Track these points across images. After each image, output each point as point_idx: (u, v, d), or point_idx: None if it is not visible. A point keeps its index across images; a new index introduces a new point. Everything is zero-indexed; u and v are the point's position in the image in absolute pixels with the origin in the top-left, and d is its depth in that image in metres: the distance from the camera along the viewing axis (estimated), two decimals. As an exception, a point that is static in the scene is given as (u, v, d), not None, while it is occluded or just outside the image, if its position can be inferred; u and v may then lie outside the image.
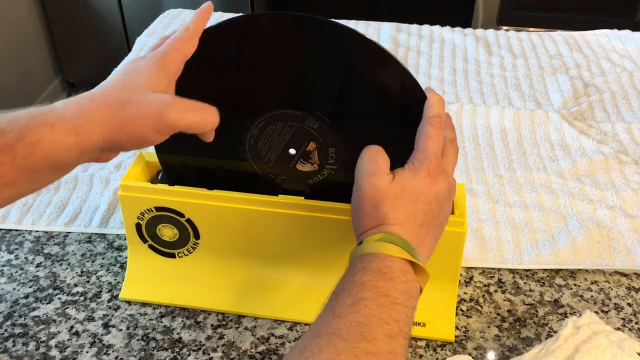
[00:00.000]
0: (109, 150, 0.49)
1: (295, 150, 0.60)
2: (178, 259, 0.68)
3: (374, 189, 0.51)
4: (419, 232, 0.51)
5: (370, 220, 0.51)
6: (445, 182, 0.53)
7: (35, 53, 2.44)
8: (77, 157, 0.46)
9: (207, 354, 0.62)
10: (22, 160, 0.43)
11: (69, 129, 0.45)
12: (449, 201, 0.54)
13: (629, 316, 0.68)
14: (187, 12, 1.36)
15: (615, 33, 1.29)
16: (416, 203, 0.51)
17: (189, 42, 0.52)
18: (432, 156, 0.52)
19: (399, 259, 0.49)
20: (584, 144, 0.93)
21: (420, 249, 0.51)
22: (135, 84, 0.48)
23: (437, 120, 0.53)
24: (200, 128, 0.50)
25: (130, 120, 0.46)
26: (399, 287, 0.47)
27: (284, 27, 0.56)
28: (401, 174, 0.52)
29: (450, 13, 2.17)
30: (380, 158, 0.53)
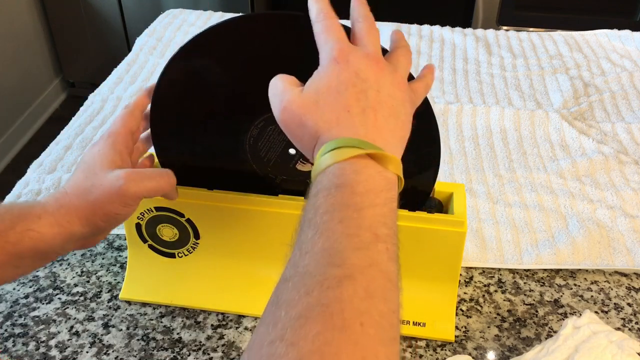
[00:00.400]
0: (92, 235, 0.54)
1: (295, 150, 0.60)
2: (178, 259, 0.68)
3: (289, 111, 0.45)
4: (362, 119, 0.44)
5: (308, 142, 0.45)
6: (360, 56, 0.46)
7: (35, 53, 2.44)
8: (61, 245, 0.52)
9: (207, 354, 0.62)
10: (11, 246, 0.49)
11: (53, 222, 0.51)
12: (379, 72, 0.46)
13: (629, 316, 0.68)
14: (187, 12, 1.36)
15: (615, 33, 1.29)
16: (339, 94, 0.44)
17: (131, 117, 0.57)
18: (331, 44, 0.46)
19: (348, 161, 0.42)
20: (584, 144, 0.93)
21: (375, 135, 0.44)
22: (93, 169, 0.53)
23: (320, 15, 0.48)
24: (160, 192, 0.55)
25: (98, 202, 0.51)
26: (358, 189, 0.41)
27: (283, 27, 0.56)
28: (309, 81, 0.46)
29: (450, 13, 2.17)
30: (280, 82, 0.47)
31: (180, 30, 1.28)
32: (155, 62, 1.16)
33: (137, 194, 0.52)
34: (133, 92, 1.06)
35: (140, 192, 0.52)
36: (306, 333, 0.34)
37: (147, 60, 1.17)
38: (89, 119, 0.99)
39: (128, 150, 0.56)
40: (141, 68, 1.15)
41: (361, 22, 0.49)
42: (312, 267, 0.37)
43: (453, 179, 0.87)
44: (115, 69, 1.14)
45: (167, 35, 1.26)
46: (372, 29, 0.49)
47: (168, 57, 0.63)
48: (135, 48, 1.22)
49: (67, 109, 2.52)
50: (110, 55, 2.11)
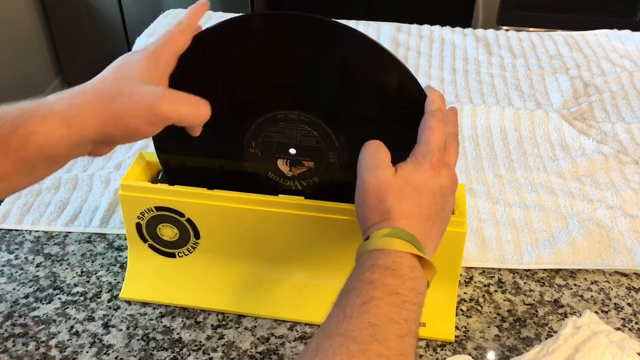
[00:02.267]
0: (102, 144, 0.50)
1: (296, 150, 0.61)
2: (178, 259, 0.68)
3: (377, 182, 0.51)
4: (424, 225, 0.51)
5: (376, 215, 0.51)
6: (448, 175, 0.53)
7: (35, 53, 2.44)
8: (69, 150, 0.47)
9: (207, 354, 0.62)
10: (15, 152, 0.44)
11: (61, 122, 0.45)
12: (452, 195, 0.54)
13: (629, 316, 0.68)
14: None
15: (615, 33, 1.29)
16: (420, 196, 0.51)
17: (181, 37, 0.53)
18: (434, 149, 0.52)
19: (407, 254, 0.48)
20: (584, 144, 0.93)
21: (426, 243, 0.50)
22: (127, 77, 0.48)
23: (439, 113, 0.53)
24: (192, 120, 0.51)
25: (122, 112, 0.47)
26: (407, 284, 0.46)
27: (284, 27, 0.56)
28: (404, 167, 0.52)
29: (450, 13, 2.17)
30: (382, 152, 0.52)
31: (180, 30, 1.28)
32: (155, 62, 1.16)
33: (168, 115, 0.48)
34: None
35: (173, 114, 0.48)
36: None
37: (147, 60, 1.17)
38: (89, 119, 0.99)
39: (168, 71, 0.52)
40: (141, 68, 1.14)
41: (454, 141, 0.55)
42: (356, 334, 0.42)
43: (453, 179, 0.87)
44: (115, 69, 1.14)
45: (167, 35, 1.26)
46: (458, 152, 0.56)
47: (168, 57, 0.63)
48: (135, 48, 1.22)
49: (67, 109, 2.51)
50: (110, 55, 2.10)
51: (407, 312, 0.45)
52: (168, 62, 0.52)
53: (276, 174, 0.63)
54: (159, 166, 0.66)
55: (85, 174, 0.86)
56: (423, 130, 0.53)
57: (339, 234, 0.62)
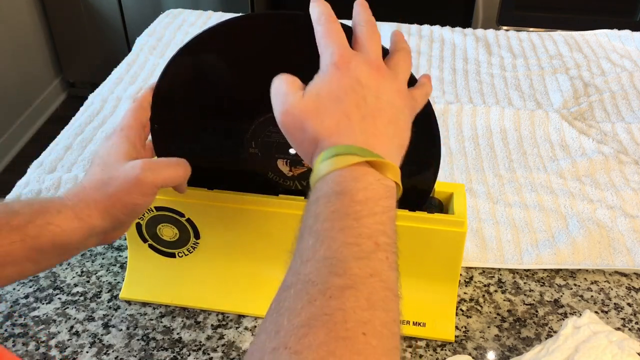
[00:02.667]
0: (112, 229, 0.53)
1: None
2: (178, 259, 0.68)
3: (290, 115, 0.45)
4: (362, 126, 0.44)
5: (307, 147, 0.45)
6: (362, 62, 0.46)
7: (35, 53, 2.44)
8: (82, 240, 0.51)
9: (207, 354, 0.62)
10: (31, 240, 0.48)
11: (72, 216, 0.50)
12: (380, 77, 0.46)
13: (629, 316, 0.68)
14: (187, 12, 1.36)
15: (615, 33, 1.29)
16: (340, 101, 0.44)
17: (141, 110, 0.57)
18: (332, 49, 0.46)
19: (348, 169, 0.42)
20: (584, 144, 0.93)
21: (375, 142, 0.44)
22: (109, 162, 0.53)
23: (322, 18, 0.48)
24: (177, 180, 0.55)
25: (116, 194, 0.51)
26: (357, 197, 0.41)
27: (283, 27, 0.56)
28: (309, 84, 0.46)
29: (450, 13, 2.17)
30: (283, 82, 0.47)
31: (180, 30, 1.28)
32: (155, 62, 1.16)
33: (154, 183, 0.52)
34: (133, 92, 1.06)
35: (157, 180, 0.52)
36: (310, 342, 0.34)
37: (147, 60, 1.17)
38: (89, 119, 0.99)
39: (141, 143, 0.56)
40: (141, 68, 1.15)
41: (363, 27, 0.49)
42: (314, 276, 0.38)
43: (453, 179, 0.87)
44: (115, 69, 1.14)
45: (167, 35, 1.26)
46: (374, 34, 0.49)
47: (168, 57, 0.63)
48: (135, 48, 1.22)
49: (67, 109, 2.52)
50: (110, 55, 2.11)
51: (366, 229, 0.40)
52: (138, 135, 0.56)
53: (276, 174, 0.63)
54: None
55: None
56: (318, 42, 0.48)
57: (339, 234, 0.62)
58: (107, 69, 1.17)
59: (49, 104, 2.54)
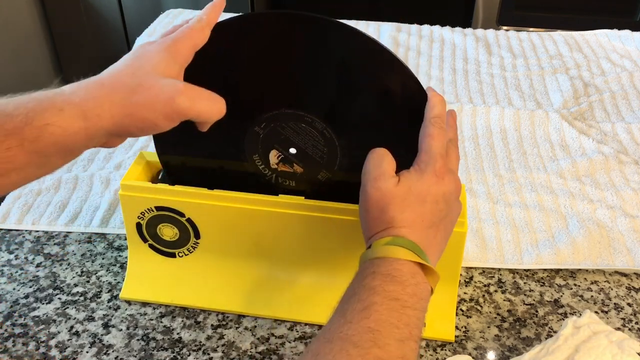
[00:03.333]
0: (117, 136, 0.49)
1: (296, 150, 0.60)
2: (178, 259, 0.68)
3: (380, 193, 0.51)
4: (427, 233, 0.51)
5: (378, 224, 0.51)
6: (452, 181, 0.53)
7: (35, 53, 2.44)
8: (85, 142, 0.46)
9: (207, 354, 0.62)
10: (30, 144, 0.43)
11: (78, 114, 0.45)
12: (456, 200, 0.54)
13: (629, 316, 0.68)
14: (187, 12, 1.36)
15: (615, 33, 1.29)
16: (423, 204, 0.51)
17: (201, 33, 0.52)
18: (437, 156, 0.52)
19: (408, 262, 0.48)
20: (584, 144, 0.93)
21: (429, 250, 0.51)
22: (145, 69, 0.48)
23: (438, 120, 0.53)
24: (209, 117, 0.50)
25: (140, 105, 0.46)
26: (408, 290, 0.47)
27: (284, 27, 0.56)
28: (407, 176, 0.52)
29: (450, 13, 2.17)
30: (386, 161, 0.53)
31: (180, 30, 1.28)
32: (155, 62, 1.16)
33: (187, 111, 0.48)
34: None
35: (191, 110, 0.48)
36: None
37: (147, 60, 1.17)
38: (89, 119, 0.99)
39: (184, 66, 0.52)
40: (141, 68, 1.14)
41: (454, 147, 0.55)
42: (356, 339, 0.43)
43: (453, 179, 0.87)
44: (115, 69, 1.14)
45: (167, 35, 1.26)
46: (458, 154, 0.56)
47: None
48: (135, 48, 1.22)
49: (67, 109, 2.51)
50: (110, 55, 2.11)
51: (407, 318, 0.45)
52: (186, 57, 0.51)
53: (263, 161, 0.63)
54: (159, 166, 0.66)
55: (85, 174, 0.86)
56: (424, 138, 0.53)
57: (339, 234, 0.62)
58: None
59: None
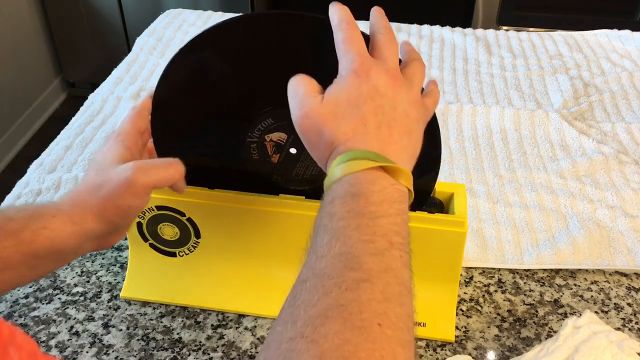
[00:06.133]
0: (109, 233, 0.54)
1: (297, 150, 0.60)
2: (179, 258, 0.68)
3: (308, 118, 0.47)
4: (378, 134, 0.46)
5: (323, 150, 0.47)
6: (381, 70, 0.47)
7: (35, 53, 2.44)
8: (77, 244, 0.51)
9: (207, 354, 0.62)
10: (26, 246, 0.48)
11: (67, 219, 0.50)
12: (397, 87, 0.48)
13: (629, 316, 0.68)
14: (187, 12, 1.36)
15: (615, 33, 1.29)
16: (358, 108, 0.46)
17: (139, 117, 0.58)
18: (353, 56, 0.47)
19: (363, 172, 0.44)
20: (584, 144, 0.93)
21: (389, 150, 0.45)
22: (103, 166, 0.53)
23: (343, 24, 0.49)
24: (170, 181, 0.55)
25: (109, 196, 0.51)
26: (373, 198, 0.42)
27: (283, 26, 0.56)
28: (329, 89, 0.47)
29: (450, 13, 2.17)
30: (303, 84, 0.48)
31: (180, 30, 1.28)
32: (155, 62, 1.16)
33: (146, 184, 0.52)
34: (133, 92, 1.06)
35: (149, 181, 0.52)
36: (326, 331, 0.35)
37: (147, 60, 1.17)
38: (89, 119, 0.99)
39: (137, 148, 0.57)
40: (141, 68, 1.15)
41: (382, 35, 0.50)
42: (329, 270, 0.39)
43: (453, 179, 0.87)
44: (115, 69, 1.14)
45: (167, 35, 1.26)
46: (392, 42, 0.50)
47: (168, 57, 0.63)
48: (135, 48, 1.22)
49: (67, 109, 2.52)
50: (110, 55, 2.11)
51: (380, 228, 0.41)
52: (134, 141, 0.57)
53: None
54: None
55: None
56: (336, 47, 0.49)
57: (339, 234, 0.62)
58: (107, 69, 1.17)
59: (49, 104, 2.54)
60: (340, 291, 0.37)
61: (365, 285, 0.38)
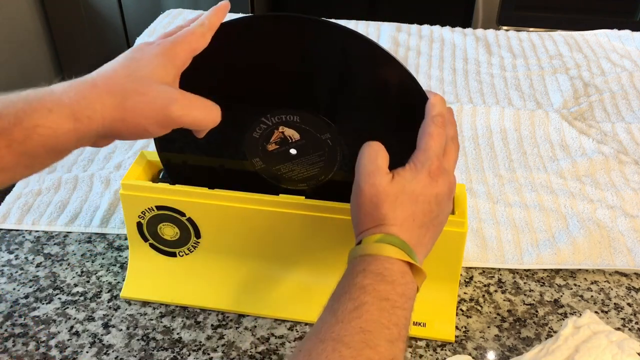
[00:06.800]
0: (107, 137, 0.48)
1: (296, 151, 0.60)
2: (179, 258, 0.68)
3: (373, 189, 0.51)
4: (418, 232, 0.51)
5: (370, 220, 0.51)
6: (446, 182, 0.53)
7: (35, 52, 2.44)
8: (74, 143, 0.45)
9: (207, 354, 0.62)
10: (18, 145, 0.42)
11: (68, 115, 0.43)
12: (449, 201, 0.54)
13: (629, 316, 0.68)
14: (187, 12, 1.36)
15: (615, 33, 1.29)
16: (415, 204, 0.51)
17: (201, 38, 0.51)
18: (433, 156, 0.52)
19: (398, 261, 0.49)
20: (584, 144, 0.93)
21: (418, 250, 0.51)
22: (141, 73, 0.47)
23: (439, 119, 0.53)
24: (203, 125, 0.50)
25: (133, 111, 0.45)
26: (398, 289, 0.47)
27: (284, 28, 0.56)
28: (401, 174, 0.52)
29: (450, 13, 2.17)
30: (380, 156, 0.52)
31: (180, 30, 1.28)
32: (156, 62, 1.16)
33: (181, 120, 0.47)
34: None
35: (186, 118, 0.48)
36: None
37: (147, 60, 1.17)
38: (89, 119, 0.99)
39: (182, 70, 0.51)
40: (141, 68, 1.14)
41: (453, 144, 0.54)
42: (348, 340, 0.43)
43: (453, 179, 0.87)
44: (116, 69, 1.14)
45: (167, 35, 1.26)
46: (457, 155, 0.55)
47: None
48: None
49: (67, 108, 2.51)
50: (110, 55, 2.10)
51: (397, 318, 0.46)
52: (184, 61, 0.50)
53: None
54: (160, 165, 0.66)
55: (85, 174, 0.86)
56: (423, 136, 0.52)
57: (339, 234, 0.62)
58: (107, 69, 1.17)
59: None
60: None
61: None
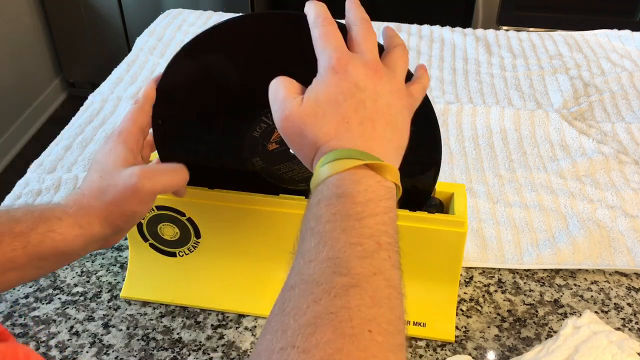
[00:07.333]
0: (113, 235, 0.54)
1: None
2: (179, 258, 0.68)
3: (289, 121, 0.45)
4: (360, 130, 0.44)
5: (307, 152, 0.46)
6: (358, 65, 0.46)
7: (35, 53, 2.44)
8: (83, 246, 0.52)
9: (207, 354, 0.62)
10: (33, 248, 0.49)
11: (73, 223, 0.51)
12: (378, 79, 0.46)
13: (629, 316, 0.68)
14: (187, 12, 1.36)
15: (615, 33, 1.29)
16: (339, 105, 0.45)
17: (141, 113, 0.57)
18: (330, 53, 0.46)
19: (348, 172, 0.43)
20: (584, 144, 0.93)
21: (373, 145, 0.44)
22: (107, 169, 0.53)
23: (319, 20, 0.48)
24: (174, 187, 0.56)
25: (114, 202, 0.52)
26: (358, 199, 0.41)
27: (284, 27, 0.56)
28: (309, 89, 0.46)
29: (450, 13, 2.17)
30: (282, 86, 0.47)
31: (180, 30, 1.28)
32: (155, 62, 1.16)
33: (151, 190, 0.53)
34: (133, 92, 1.06)
35: (154, 188, 0.53)
36: (317, 341, 0.35)
37: (147, 60, 1.17)
38: (89, 119, 0.99)
39: (139, 147, 0.56)
40: (141, 68, 1.15)
41: (358, 26, 0.48)
42: (317, 276, 0.38)
43: (453, 179, 0.87)
44: (115, 69, 1.14)
45: (167, 35, 1.26)
46: (370, 33, 0.48)
47: (168, 57, 0.63)
48: (135, 48, 1.22)
49: (67, 109, 2.52)
50: (110, 55, 2.11)
51: (368, 229, 0.40)
52: (136, 140, 0.56)
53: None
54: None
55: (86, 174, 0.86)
56: (314, 44, 0.47)
57: (339, 234, 0.62)
58: (107, 69, 1.17)
59: (49, 104, 2.54)
60: (329, 298, 0.37)
61: (355, 290, 0.37)
